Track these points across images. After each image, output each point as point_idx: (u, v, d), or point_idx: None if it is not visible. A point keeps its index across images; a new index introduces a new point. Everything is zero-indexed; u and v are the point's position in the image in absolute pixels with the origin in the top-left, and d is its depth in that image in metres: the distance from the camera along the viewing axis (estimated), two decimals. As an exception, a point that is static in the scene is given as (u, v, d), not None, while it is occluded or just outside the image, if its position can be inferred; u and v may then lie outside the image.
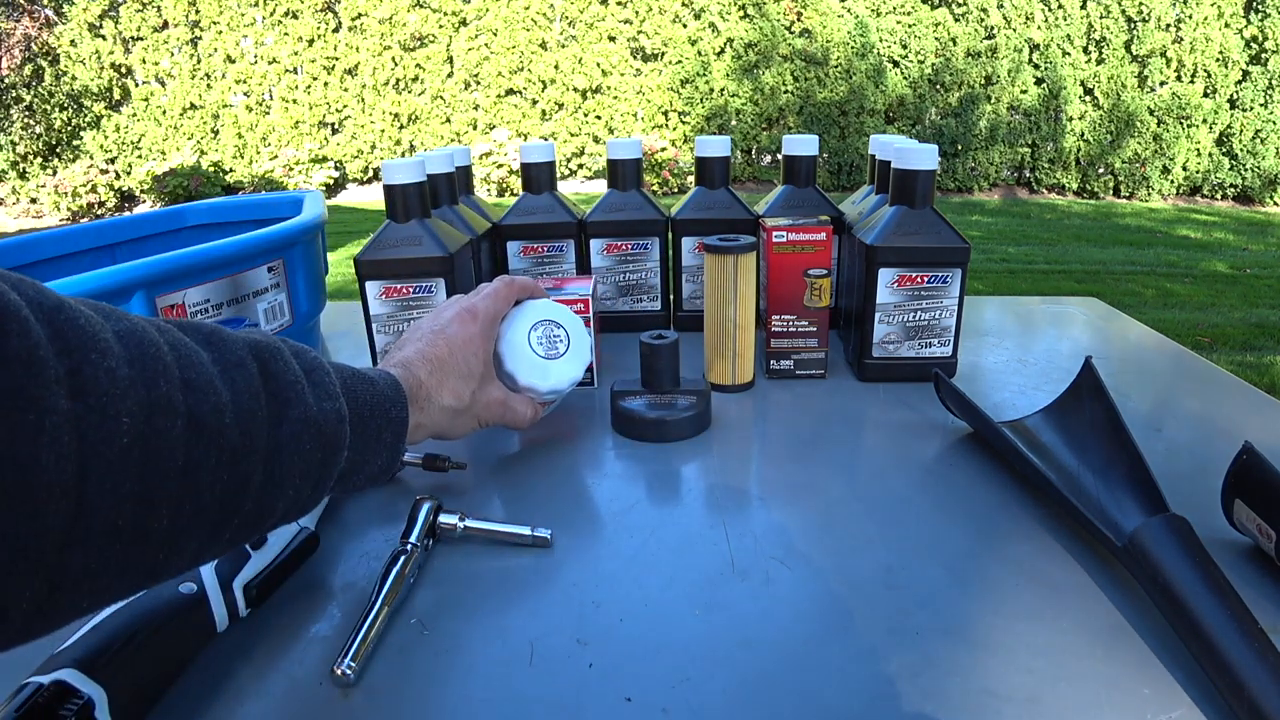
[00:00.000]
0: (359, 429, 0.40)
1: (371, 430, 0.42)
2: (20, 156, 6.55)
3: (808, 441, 0.66)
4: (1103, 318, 0.98)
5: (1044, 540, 0.51)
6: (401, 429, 0.44)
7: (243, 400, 0.32)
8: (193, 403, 0.29)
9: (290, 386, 0.35)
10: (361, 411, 0.41)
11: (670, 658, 0.41)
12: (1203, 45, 6.02)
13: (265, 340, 0.36)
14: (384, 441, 0.43)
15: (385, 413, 0.43)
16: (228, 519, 0.32)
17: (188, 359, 0.30)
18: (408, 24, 6.45)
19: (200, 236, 0.90)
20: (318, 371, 0.38)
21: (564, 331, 0.61)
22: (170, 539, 0.29)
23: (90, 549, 0.26)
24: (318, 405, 0.36)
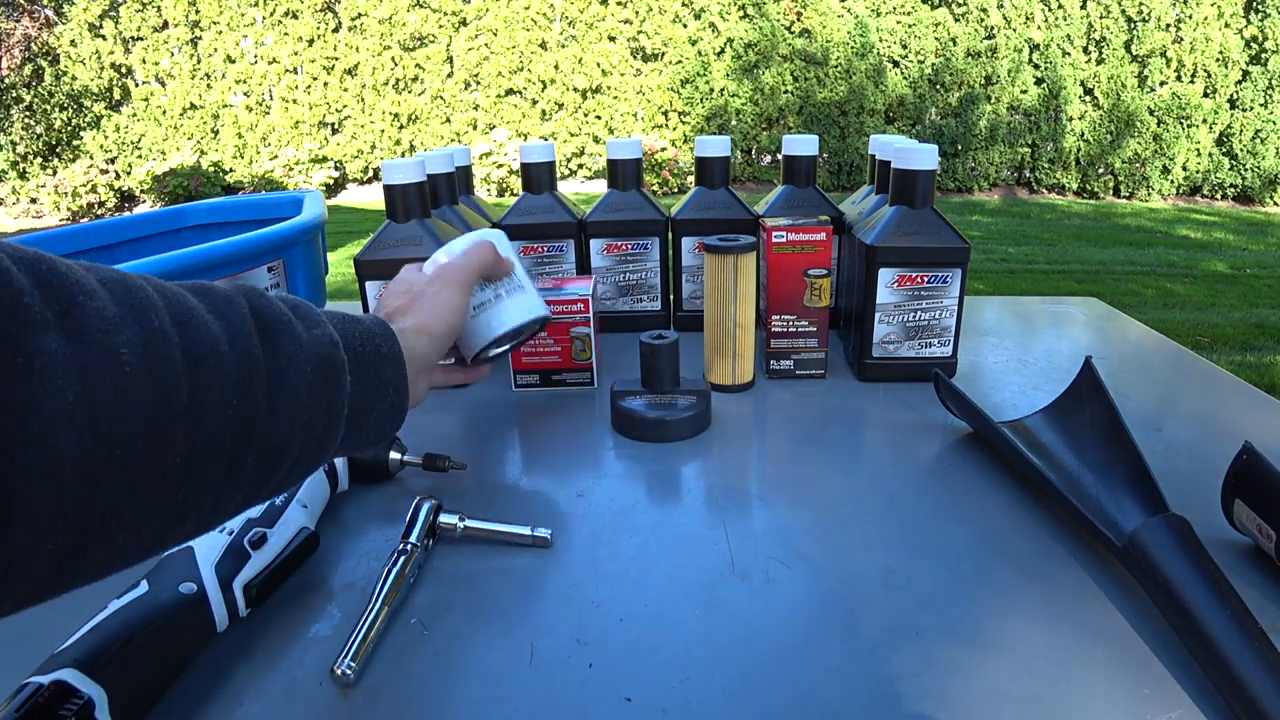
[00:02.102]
0: (355, 360, 0.40)
1: (368, 364, 0.41)
2: (20, 156, 6.55)
3: (808, 441, 0.66)
4: (1103, 318, 0.98)
5: (1044, 540, 0.51)
6: (399, 365, 0.44)
7: (236, 333, 0.32)
8: (185, 338, 0.29)
9: (278, 318, 0.35)
10: (354, 345, 0.41)
11: (670, 658, 0.41)
12: (1203, 45, 6.02)
13: (248, 285, 0.37)
14: (384, 378, 0.43)
15: (377, 348, 0.42)
16: (241, 454, 0.32)
17: (176, 301, 0.30)
18: (408, 24, 6.45)
19: (200, 236, 0.90)
20: (302, 307, 0.39)
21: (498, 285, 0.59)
22: (188, 475, 0.29)
23: (109, 487, 0.26)
24: (308, 333, 0.36)
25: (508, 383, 0.79)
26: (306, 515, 0.50)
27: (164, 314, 0.29)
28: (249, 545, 0.45)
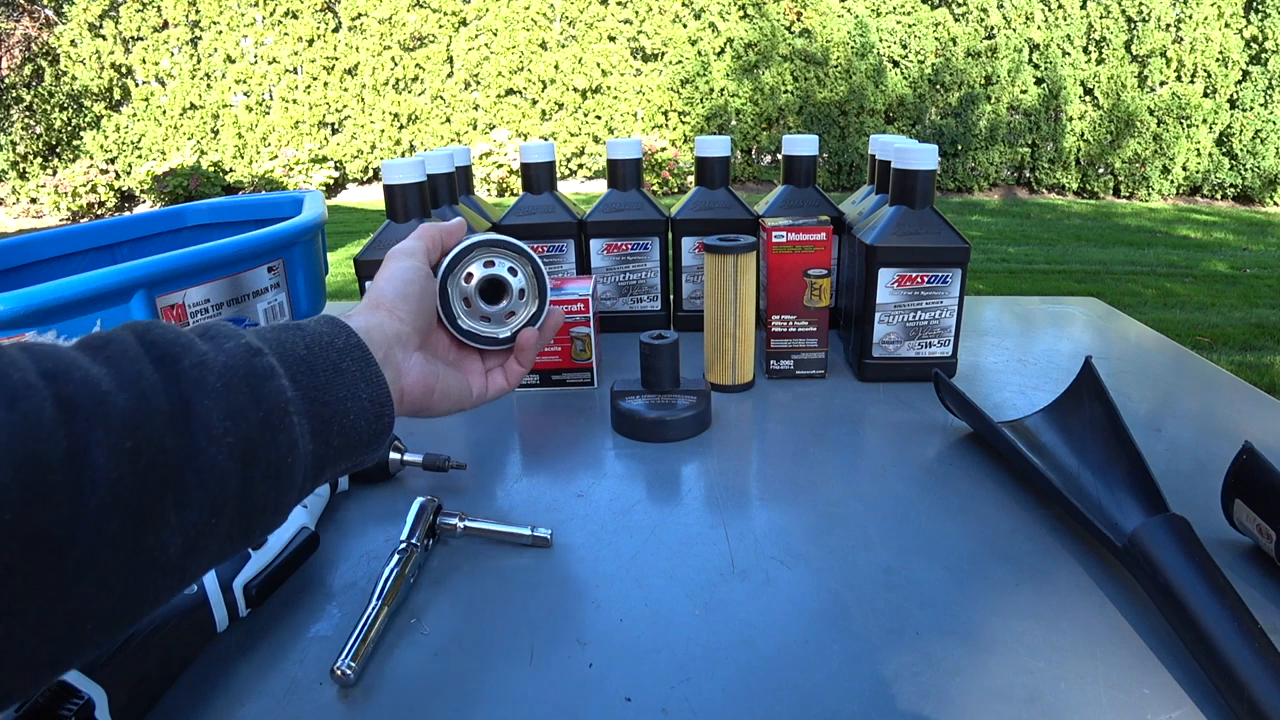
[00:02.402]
0: (295, 364, 0.36)
1: (319, 365, 0.37)
2: (20, 156, 6.55)
3: (808, 441, 0.66)
4: (1103, 318, 0.98)
5: (1044, 540, 0.51)
6: (361, 354, 0.38)
7: (122, 369, 0.29)
8: (58, 388, 0.27)
9: (173, 344, 0.32)
10: (289, 348, 0.36)
11: (670, 658, 0.41)
12: (1203, 45, 6.02)
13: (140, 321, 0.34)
14: (346, 371, 0.38)
15: (328, 344, 0.38)
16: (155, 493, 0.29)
17: (44, 354, 0.28)
18: (408, 24, 6.44)
19: (200, 236, 0.90)
20: (215, 328, 0.35)
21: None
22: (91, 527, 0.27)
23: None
24: (215, 349, 0.33)
25: (508, 383, 0.79)
26: (306, 515, 0.50)
27: (25, 366, 0.27)
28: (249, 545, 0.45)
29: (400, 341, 0.43)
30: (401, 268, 0.46)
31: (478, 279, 0.49)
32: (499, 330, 0.50)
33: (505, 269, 0.50)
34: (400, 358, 0.42)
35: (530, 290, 0.50)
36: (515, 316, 0.50)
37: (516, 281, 0.50)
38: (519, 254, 0.50)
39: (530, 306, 0.50)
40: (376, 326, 0.41)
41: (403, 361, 0.42)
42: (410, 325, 0.44)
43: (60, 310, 0.54)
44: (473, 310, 0.50)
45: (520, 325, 0.50)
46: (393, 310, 0.43)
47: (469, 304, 0.49)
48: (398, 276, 0.45)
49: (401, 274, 0.45)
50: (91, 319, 0.56)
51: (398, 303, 0.44)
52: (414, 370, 0.43)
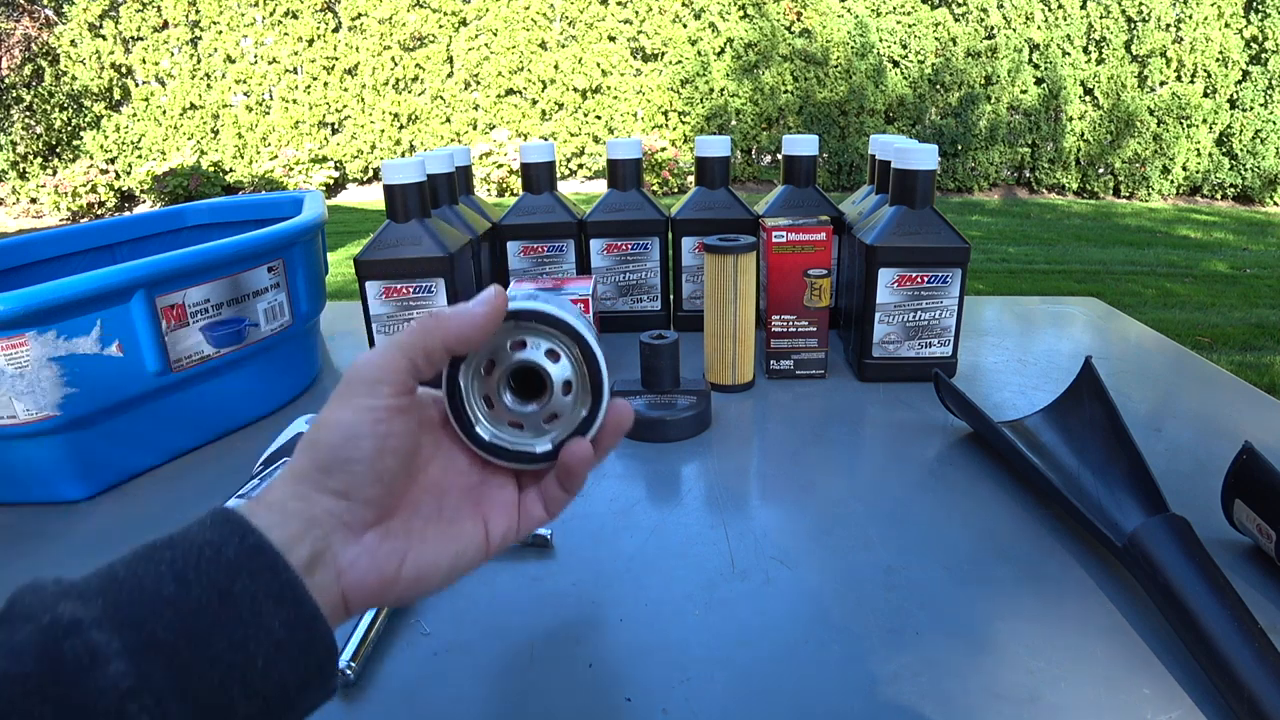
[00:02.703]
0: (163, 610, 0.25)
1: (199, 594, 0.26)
2: (20, 156, 6.55)
3: (808, 441, 0.66)
4: (1103, 318, 0.98)
5: (1044, 540, 0.51)
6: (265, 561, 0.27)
7: None
8: None
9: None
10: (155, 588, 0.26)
11: (670, 658, 0.41)
12: (1203, 45, 6.02)
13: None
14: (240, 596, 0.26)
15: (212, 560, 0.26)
16: None
17: None
18: (408, 24, 6.45)
19: (200, 236, 0.90)
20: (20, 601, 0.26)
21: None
22: None
23: None
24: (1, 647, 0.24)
25: (508, 383, 0.79)
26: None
27: None
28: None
29: (336, 529, 0.30)
30: (348, 417, 0.31)
31: (504, 367, 0.35)
32: (535, 441, 0.35)
33: (542, 352, 0.35)
34: (338, 551, 0.30)
35: (579, 382, 0.35)
36: (558, 420, 0.35)
37: (558, 370, 0.35)
38: (562, 330, 0.34)
39: (580, 406, 0.35)
40: (291, 518, 0.29)
41: (342, 553, 0.30)
42: (355, 502, 0.31)
43: (60, 310, 0.54)
44: (498, 413, 0.35)
45: (566, 434, 0.35)
46: (323, 484, 0.30)
47: (491, 404, 0.35)
48: (342, 428, 0.30)
49: (349, 425, 0.30)
50: (92, 319, 0.56)
51: (334, 471, 0.30)
52: (361, 560, 0.31)
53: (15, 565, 0.52)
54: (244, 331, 0.68)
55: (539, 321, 0.34)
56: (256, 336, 0.69)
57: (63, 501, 0.59)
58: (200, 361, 0.64)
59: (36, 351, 0.53)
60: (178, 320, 0.62)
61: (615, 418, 0.35)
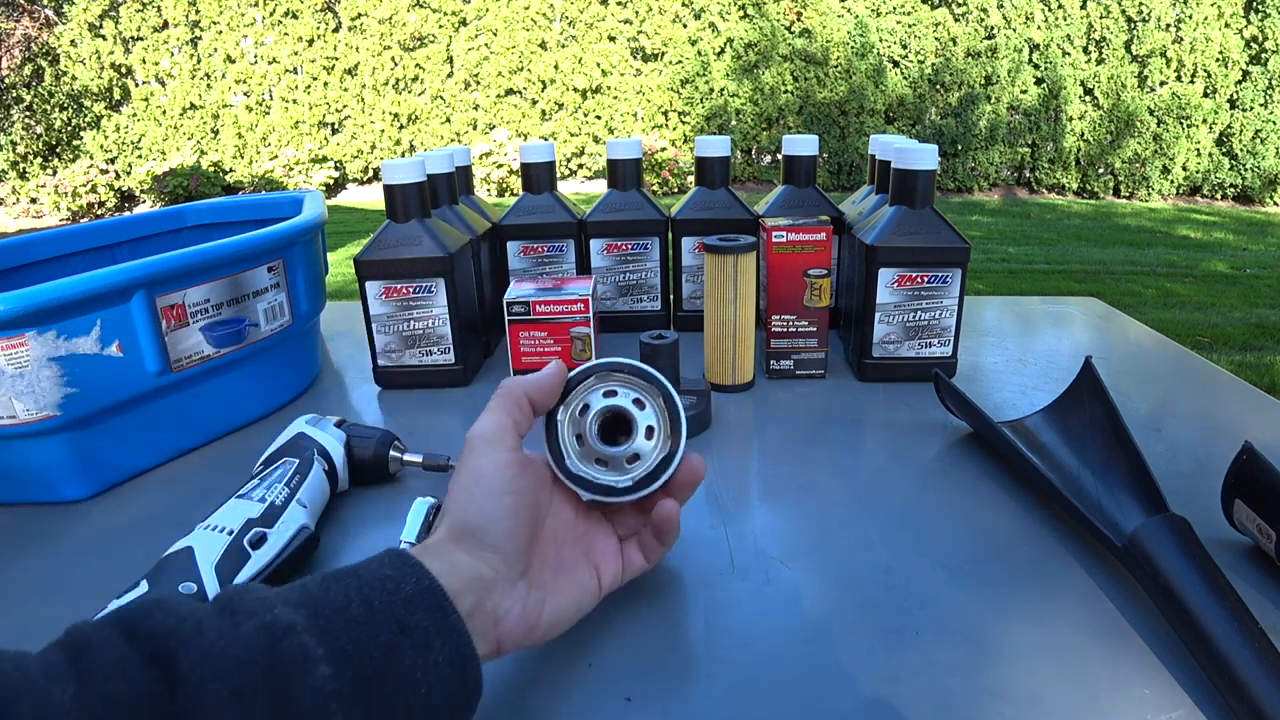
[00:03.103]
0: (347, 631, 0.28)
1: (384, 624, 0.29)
2: (20, 156, 6.55)
3: (808, 441, 0.66)
4: (1103, 318, 0.98)
5: (1044, 540, 0.51)
6: (435, 601, 0.31)
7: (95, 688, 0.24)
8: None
9: (170, 636, 0.26)
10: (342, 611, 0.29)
11: (670, 658, 0.41)
12: (1203, 45, 6.02)
13: (140, 602, 0.28)
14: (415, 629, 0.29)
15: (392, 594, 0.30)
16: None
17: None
18: (408, 24, 6.44)
19: (200, 236, 0.90)
20: (237, 598, 0.28)
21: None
22: None
23: None
24: (228, 635, 0.26)
25: (508, 383, 0.78)
26: (306, 515, 0.50)
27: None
28: (249, 545, 0.45)
29: (497, 582, 0.34)
30: (484, 473, 0.35)
31: (595, 411, 0.40)
32: (618, 478, 0.40)
33: (630, 400, 0.40)
34: (497, 601, 0.34)
35: (661, 428, 0.40)
36: (640, 461, 0.40)
37: (643, 416, 0.40)
38: (648, 381, 0.40)
39: (660, 449, 0.40)
40: (459, 571, 0.33)
41: (500, 604, 0.34)
42: (508, 555, 0.35)
43: (60, 310, 0.54)
44: (586, 451, 0.40)
45: (645, 472, 0.40)
46: (479, 542, 0.34)
47: (582, 442, 0.40)
48: (481, 485, 0.35)
49: (488, 482, 0.35)
50: (92, 319, 0.56)
51: (486, 528, 0.34)
52: (514, 610, 0.35)
53: (15, 565, 0.52)
54: (244, 331, 0.68)
55: (631, 373, 0.40)
56: (256, 336, 0.69)
57: (63, 501, 0.59)
58: (200, 361, 0.64)
59: (36, 351, 0.53)
60: (178, 320, 0.62)
61: (690, 471, 0.41)
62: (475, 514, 0.35)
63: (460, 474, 0.36)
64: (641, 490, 0.40)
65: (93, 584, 0.48)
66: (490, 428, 0.37)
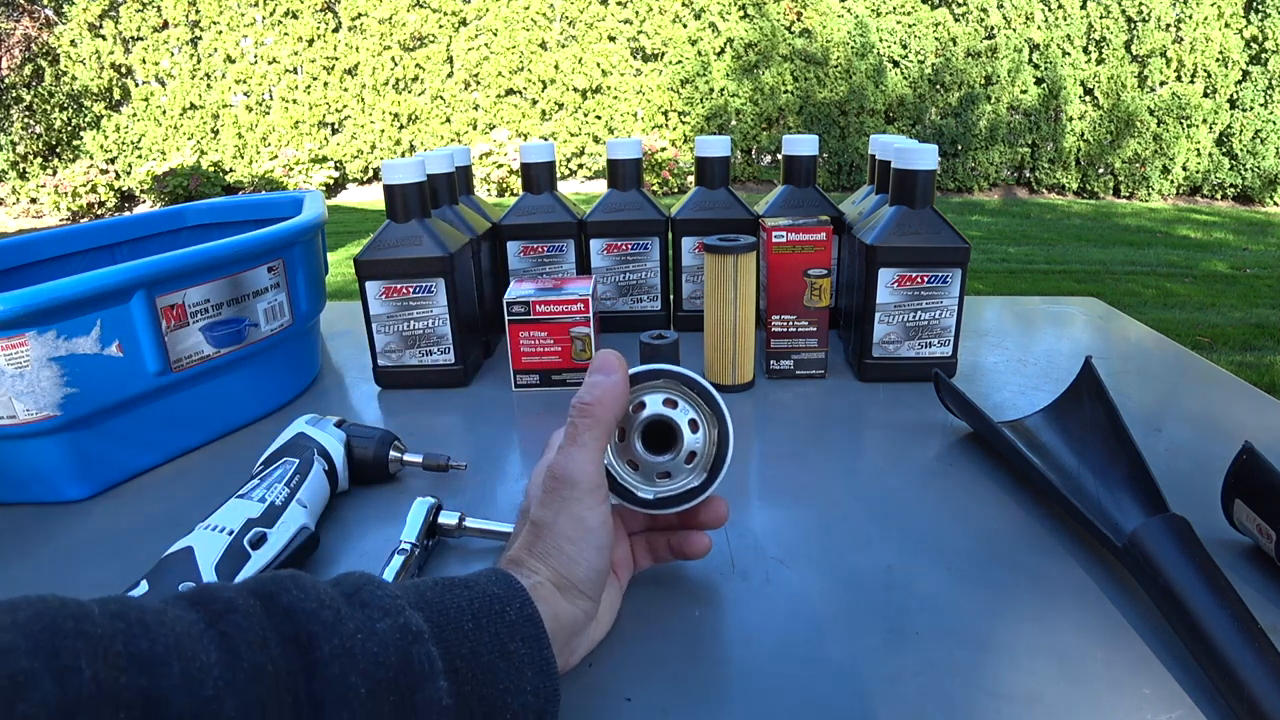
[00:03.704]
0: (460, 645, 0.29)
1: (489, 644, 0.30)
2: (20, 156, 6.55)
3: (808, 441, 0.66)
4: (1103, 318, 0.98)
5: (1044, 540, 0.51)
6: (534, 631, 0.31)
7: (240, 656, 0.24)
8: (148, 681, 0.22)
9: (312, 619, 0.26)
10: (457, 623, 0.30)
11: (670, 658, 0.41)
12: (1203, 45, 6.02)
13: (276, 575, 0.28)
14: (515, 655, 0.30)
15: (499, 615, 0.31)
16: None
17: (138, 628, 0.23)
18: (408, 24, 6.44)
19: (200, 236, 0.90)
20: (368, 589, 0.29)
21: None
22: None
23: None
24: (366, 628, 0.27)
25: (507, 383, 0.79)
26: (306, 515, 0.50)
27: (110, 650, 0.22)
28: (249, 545, 0.45)
29: (583, 625, 0.36)
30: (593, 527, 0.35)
31: (649, 414, 0.39)
32: (643, 487, 0.39)
33: (686, 419, 0.39)
34: (577, 642, 0.36)
35: (703, 457, 0.39)
36: (669, 481, 0.39)
37: (692, 439, 0.39)
38: (712, 409, 0.39)
39: (693, 478, 0.39)
40: (560, 618, 0.34)
41: (579, 645, 0.36)
42: (596, 601, 0.36)
43: (60, 310, 0.54)
44: (624, 447, 0.39)
45: (670, 494, 0.39)
46: (580, 593, 0.35)
47: (623, 437, 0.39)
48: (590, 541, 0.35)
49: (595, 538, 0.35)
50: (92, 319, 0.56)
51: (591, 582, 0.35)
52: (583, 647, 0.37)
53: (15, 565, 0.52)
54: (244, 331, 0.68)
55: (698, 392, 0.38)
56: (256, 336, 0.69)
57: (63, 501, 0.59)
58: (200, 361, 0.64)
59: (36, 351, 0.53)
60: (178, 320, 0.62)
61: (713, 515, 0.41)
62: (582, 570, 0.35)
63: (560, 520, 0.35)
64: (660, 510, 0.40)
65: (93, 584, 0.48)
66: (594, 472, 0.35)
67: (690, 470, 0.39)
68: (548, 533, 0.35)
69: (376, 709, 0.25)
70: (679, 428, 0.39)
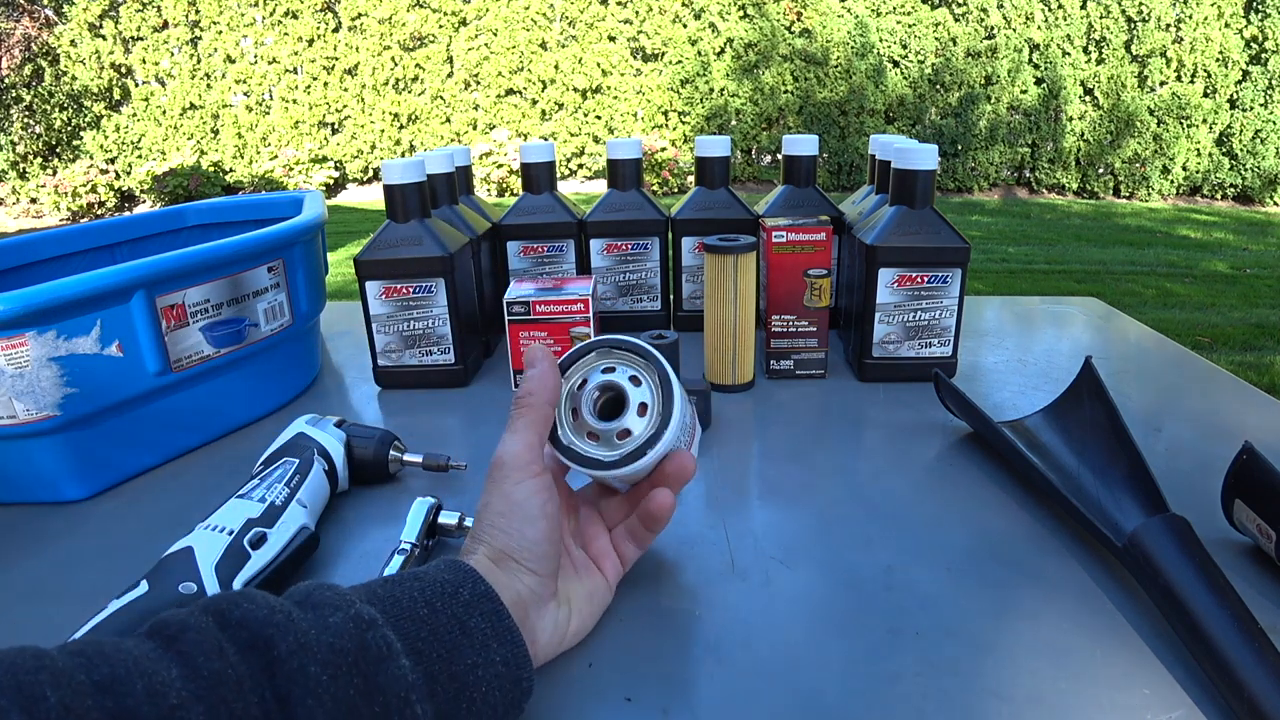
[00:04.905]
0: (418, 628, 0.30)
1: (447, 624, 0.31)
2: (20, 156, 6.55)
3: (808, 441, 0.66)
4: (1103, 318, 0.98)
5: (1044, 540, 0.51)
6: (492, 606, 0.33)
7: (199, 666, 0.25)
8: (114, 702, 0.23)
9: (264, 625, 0.27)
10: (410, 609, 0.31)
11: (670, 658, 0.41)
12: (1203, 45, 6.02)
13: (226, 594, 0.29)
14: (475, 630, 0.31)
15: (453, 596, 0.32)
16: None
17: (97, 657, 0.24)
18: (407, 24, 6.44)
19: (200, 236, 0.90)
20: (318, 593, 0.30)
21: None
22: None
23: None
24: (317, 624, 0.28)
25: (507, 383, 0.79)
26: (306, 515, 0.50)
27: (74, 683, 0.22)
28: (249, 545, 0.45)
29: (535, 601, 0.36)
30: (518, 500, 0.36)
31: (592, 386, 0.40)
32: (607, 453, 0.40)
33: (626, 377, 0.40)
34: (534, 621, 0.36)
35: (654, 406, 0.40)
36: (630, 438, 0.40)
37: (637, 393, 0.40)
38: (645, 358, 0.40)
39: (651, 427, 0.40)
40: (506, 586, 0.35)
41: (536, 623, 0.36)
42: (543, 577, 0.36)
43: (60, 310, 0.54)
44: (579, 425, 0.41)
45: (633, 449, 0.39)
46: (518, 565, 0.36)
47: (576, 416, 0.41)
48: (516, 513, 0.36)
49: (522, 509, 0.36)
50: (92, 319, 0.56)
51: (523, 553, 0.36)
52: (548, 627, 0.37)
53: (15, 565, 0.52)
54: (244, 331, 0.68)
55: (628, 349, 0.41)
56: (256, 336, 0.69)
57: (63, 501, 0.59)
58: (200, 361, 0.64)
59: (36, 351, 0.53)
60: (178, 320, 0.62)
61: (679, 467, 0.41)
62: (515, 540, 0.36)
63: (492, 498, 0.37)
64: (628, 465, 0.40)
65: (93, 584, 0.48)
66: (521, 451, 0.37)
67: (647, 421, 0.40)
68: (483, 513, 0.37)
69: (341, 693, 0.26)
70: (622, 386, 0.40)
